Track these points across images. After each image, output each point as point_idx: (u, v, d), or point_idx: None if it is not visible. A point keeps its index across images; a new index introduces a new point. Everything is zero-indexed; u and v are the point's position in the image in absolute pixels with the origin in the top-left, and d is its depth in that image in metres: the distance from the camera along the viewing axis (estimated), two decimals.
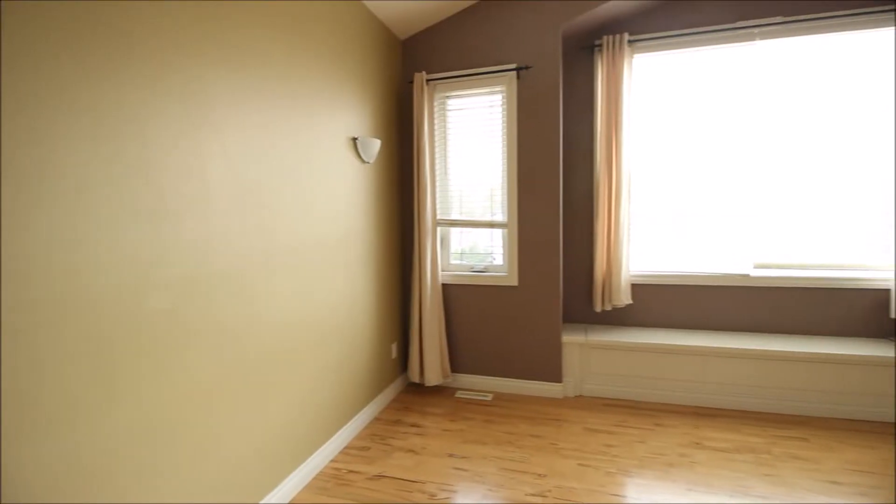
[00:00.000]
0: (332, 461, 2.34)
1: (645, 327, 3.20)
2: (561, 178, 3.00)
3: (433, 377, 3.07)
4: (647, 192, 3.21)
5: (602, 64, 3.09)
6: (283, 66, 2.02)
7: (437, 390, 3.19)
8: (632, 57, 3.07)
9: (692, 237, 3.14)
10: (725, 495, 1.97)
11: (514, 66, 3.00)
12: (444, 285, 3.22)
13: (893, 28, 2.77)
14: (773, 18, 2.92)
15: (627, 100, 3.03)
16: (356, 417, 2.63)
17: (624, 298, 3.06)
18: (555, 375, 3.03)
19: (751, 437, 2.45)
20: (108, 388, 1.30)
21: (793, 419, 2.65)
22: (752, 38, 2.99)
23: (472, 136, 3.20)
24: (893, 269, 2.75)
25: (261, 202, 1.89)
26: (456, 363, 3.25)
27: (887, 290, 2.82)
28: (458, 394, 3.13)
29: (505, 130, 3.08)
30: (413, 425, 2.70)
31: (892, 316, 2.73)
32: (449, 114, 3.25)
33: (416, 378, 3.13)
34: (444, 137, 3.24)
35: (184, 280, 1.53)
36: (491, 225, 3.17)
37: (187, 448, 1.55)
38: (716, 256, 3.09)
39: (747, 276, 3.01)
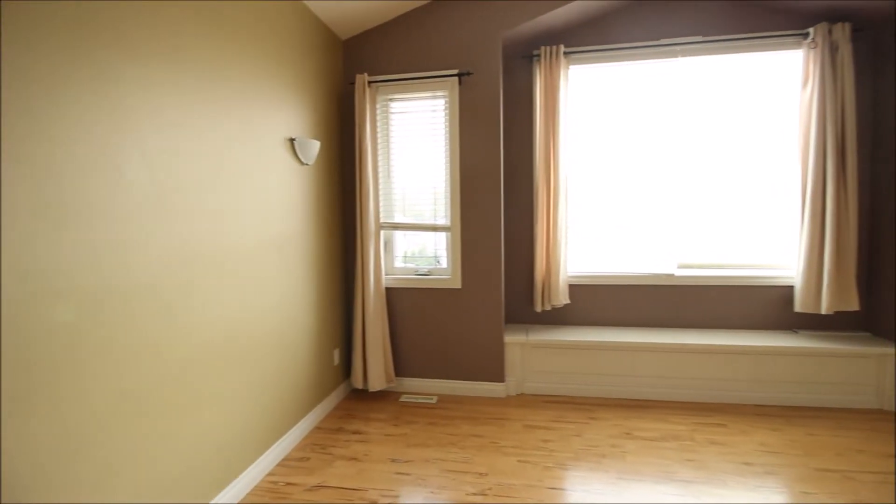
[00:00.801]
0: (268, 475, 2.24)
1: (582, 326, 3.34)
2: (502, 183, 3.08)
3: (377, 382, 3.03)
4: (584, 197, 3.37)
5: (540, 73, 3.21)
6: (212, 61, 1.92)
7: (382, 395, 3.15)
8: (567, 67, 3.22)
9: (623, 240, 3.32)
10: (653, 481, 2.09)
11: (456, 71, 3.05)
12: (388, 289, 3.20)
13: (800, 50, 3.08)
14: (693, 38, 3.17)
15: (564, 108, 3.17)
16: (296, 427, 2.54)
17: (562, 298, 3.18)
18: (498, 375, 3.09)
19: (676, 425, 2.62)
20: None
21: (713, 407, 2.86)
22: (674, 54, 3.23)
23: (416, 139, 3.21)
24: (796, 268, 3.05)
25: (185, 205, 1.78)
26: (401, 367, 3.24)
27: (791, 287, 3.12)
28: (403, 398, 3.11)
29: (448, 135, 3.12)
30: (355, 432, 2.65)
31: (796, 309, 3.01)
32: (392, 116, 3.24)
33: (359, 384, 3.08)
34: (388, 140, 3.23)
35: (94, 289, 1.41)
36: (434, 228, 3.19)
37: (89, 474, 1.40)
38: (644, 257, 3.29)
39: (672, 275, 3.22)
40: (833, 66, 2.92)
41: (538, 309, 3.23)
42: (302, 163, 2.67)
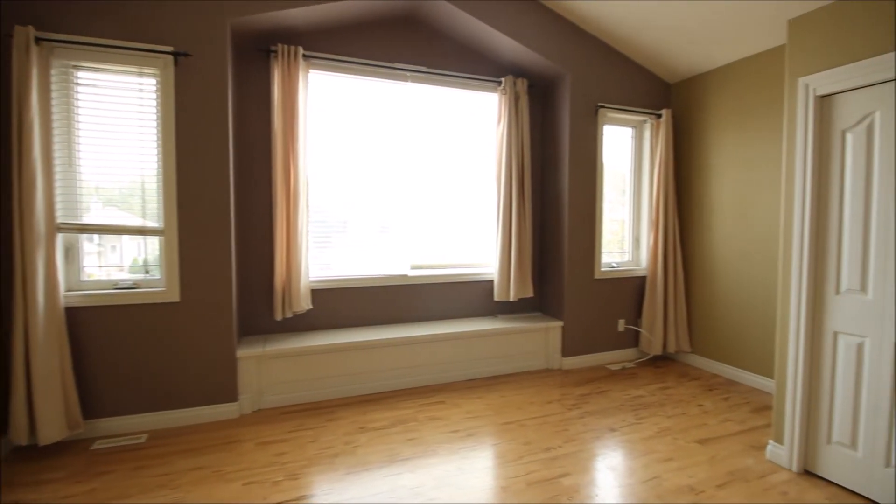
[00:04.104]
0: None
1: (325, 330, 3.36)
2: (232, 183, 2.81)
3: (52, 432, 2.31)
4: (326, 203, 3.40)
5: (278, 71, 3.08)
6: None
7: (63, 448, 2.43)
8: (307, 71, 3.19)
9: (363, 244, 3.51)
10: (378, 467, 2.24)
11: (170, 49, 2.63)
12: (72, 309, 2.50)
13: (496, 94, 3.86)
14: (419, 66, 3.60)
15: (303, 111, 3.12)
16: None
17: (304, 304, 3.12)
18: (229, 395, 2.79)
19: (404, 410, 2.90)
20: None
21: (437, 388, 3.30)
22: (405, 78, 3.60)
23: (117, 122, 2.62)
24: (494, 266, 3.82)
25: None
26: (94, 406, 2.57)
27: (492, 281, 3.90)
28: (97, 444, 2.47)
29: (161, 123, 2.66)
30: None
31: (495, 299, 3.77)
32: (80, 89, 2.57)
33: (23, 439, 2.29)
34: (71, 118, 2.54)
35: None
36: (142, 232, 2.66)
37: None
38: (382, 260, 3.55)
39: (406, 275, 3.58)
40: (517, 110, 3.79)
41: (279, 317, 3.08)
42: None
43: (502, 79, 3.72)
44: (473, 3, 3.29)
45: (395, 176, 3.60)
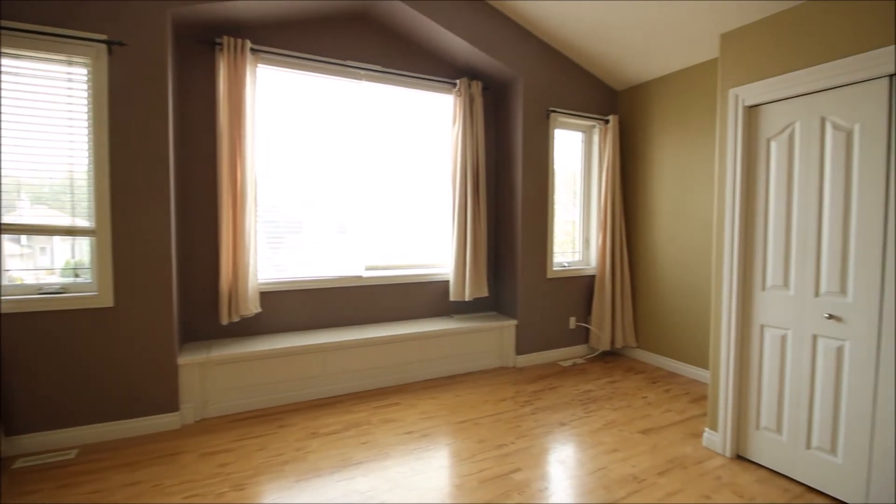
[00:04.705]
0: None
1: (274, 333, 3.26)
2: (172, 180, 2.67)
3: None
4: (279, 202, 3.30)
5: (224, 65, 2.96)
6: None
7: None
8: (256, 66, 3.08)
9: (315, 244, 3.43)
10: (329, 473, 2.20)
11: (104, 37, 2.46)
12: None
13: (451, 96, 3.87)
14: (373, 65, 3.56)
15: (251, 107, 3.02)
16: None
17: (252, 308, 3.01)
18: (170, 404, 2.65)
19: (358, 414, 2.86)
20: None
21: (393, 389, 3.28)
22: (359, 77, 3.55)
23: (43, 115, 2.42)
24: (450, 266, 3.84)
25: None
26: (18, 422, 2.36)
27: (448, 281, 3.91)
28: (20, 463, 2.27)
29: (93, 116, 2.48)
30: None
31: (451, 299, 3.79)
32: (2, 77, 2.35)
33: None
34: None
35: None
36: (71, 232, 2.48)
37: None
38: (335, 261, 3.48)
39: (360, 276, 3.54)
40: (472, 112, 3.83)
41: (225, 321, 2.96)
42: None
43: (457, 81, 3.75)
44: (428, 4, 3.30)
45: (350, 176, 3.54)
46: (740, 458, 2.41)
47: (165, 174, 2.61)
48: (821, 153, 2.08)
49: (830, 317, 2.04)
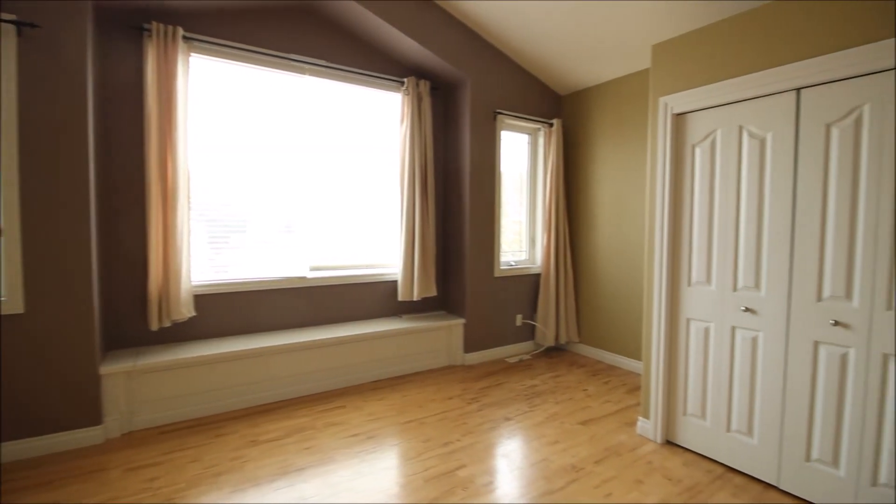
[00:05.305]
0: None
1: (212, 338, 3.10)
2: (93, 175, 2.47)
3: None
4: (218, 199, 3.13)
5: (153, 53, 2.77)
6: None
7: None
8: (189, 54, 2.91)
9: (260, 244, 3.29)
10: (269, 481, 2.12)
11: (12, 17, 2.23)
12: None
13: (399, 94, 3.84)
14: (318, 60, 3.47)
15: (183, 99, 2.85)
16: None
17: (185, 311, 2.84)
18: (92, 418, 2.45)
19: (302, 419, 2.78)
20: None
21: (339, 392, 3.21)
22: (303, 71, 3.45)
23: None
24: (398, 266, 3.82)
25: None
26: None
27: (396, 281, 3.89)
28: None
29: (1, 103, 2.24)
30: None
31: (399, 299, 3.77)
32: None
33: None
34: None
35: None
36: None
37: None
38: (277, 261, 3.36)
39: (304, 277, 3.43)
40: (420, 111, 3.83)
41: (155, 327, 2.77)
42: None
43: (405, 79, 3.73)
44: (377, 4, 3.25)
45: (297, 174, 3.43)
46: (670, 443, 2.56)
47: (84, 168, 2.41)
48: (738, 159, 2.26)
49: (746, 309, 2.22)
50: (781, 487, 2.11)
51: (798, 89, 2.04)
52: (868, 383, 1.86)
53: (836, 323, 1.94)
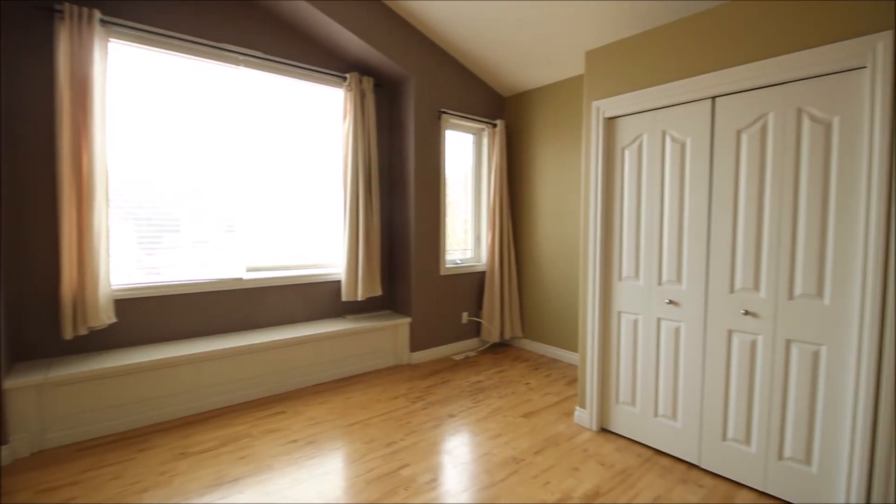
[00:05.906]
0: None
1: (138, 346, 2.89)
2: None
3: None
4: (146, 197, 2.92)
5: (65, 36, 2.54)
6: None
7: None
8: (107, 40, 2.69)
9: (196, 245, 3.11)
10: (199, 495, 2.01)
11: None
12: None
13: (342, 90, 3.76)
14: (253, 51, 3.32)
15: (101, 89, 2.63)
16: None
17: (104, 317, 2.63)
18: None
19: (237, 427, 2.66)
20: None
21: (278, 398, 3.10)
22: (237, 62, 3.29)
23: None
24: (341, 266, 3.74)
25: None
26: None
27: (339, 281, 3.81)
28: None
29: None
30: None
31: (343, 299, 3.70)
32: None
33: None
34: None
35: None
36: None
37: None
38: (214, 263, 3.19)
39: (241, 279, 3.28)
40: (363, 108, 3.77)
41: (69, 335, 2.54)
42: None
43: (348, 75, 3.66)
44: None
45: (234, 171, 3.27)
46: (605, 430, 2.70)
47: None
48: (662, 162, 2.41)
49: (670, 302, 2.38)
50: (703, 466, 2.28)
51: (713, 98, 2.21)
52: (774, 367, 2.05)
53: (747, 312, 2.12)
